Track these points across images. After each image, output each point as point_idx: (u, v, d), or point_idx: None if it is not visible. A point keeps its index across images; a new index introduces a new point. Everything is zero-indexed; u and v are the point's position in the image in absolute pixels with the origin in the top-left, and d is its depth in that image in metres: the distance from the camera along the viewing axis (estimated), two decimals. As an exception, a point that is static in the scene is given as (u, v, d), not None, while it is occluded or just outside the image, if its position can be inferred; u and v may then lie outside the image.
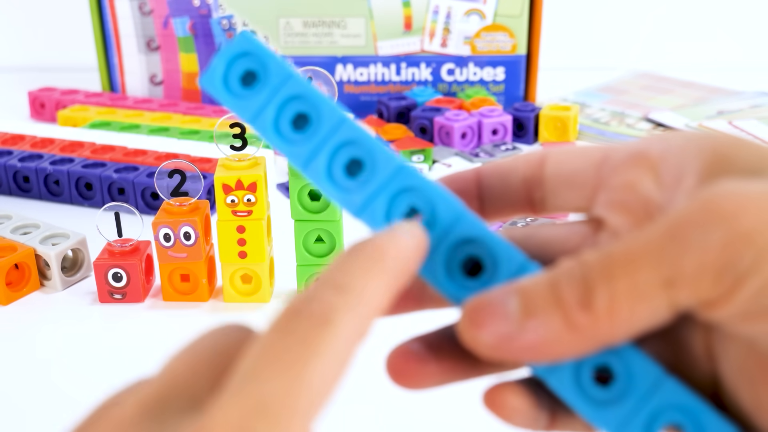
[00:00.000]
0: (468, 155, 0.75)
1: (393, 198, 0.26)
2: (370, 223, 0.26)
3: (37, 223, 0.55)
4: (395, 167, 0.26)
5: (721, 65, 1.08)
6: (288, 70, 0.26)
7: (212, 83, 0.26)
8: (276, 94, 0.26)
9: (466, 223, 0.26)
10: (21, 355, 0.46)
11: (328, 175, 0.26)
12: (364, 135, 0.26)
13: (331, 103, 0.26)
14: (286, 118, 0.26)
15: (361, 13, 0.85)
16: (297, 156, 0.26)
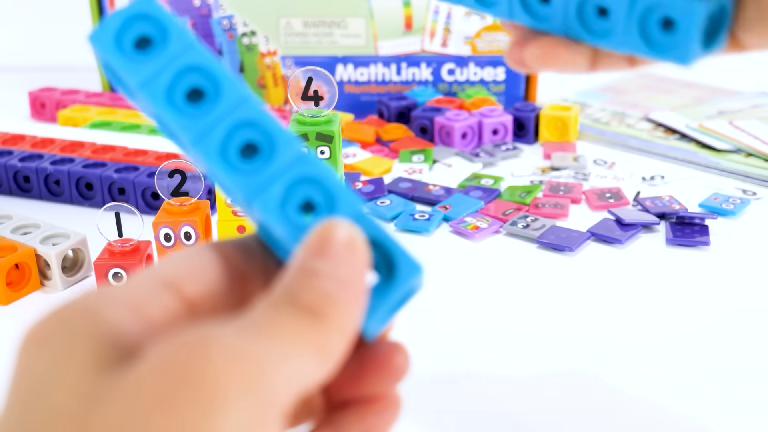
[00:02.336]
0: (468, 155, 0.75)
1: (290, 187, 0.24)
2: (262, 209, 0.24)
3: (37, 223, 0.55)
4: (296, 154, 0.24)
5: (721, 65, 1.08)
6: (190, 38, 0.25)
7: (102, 41, 0.24)
8: (173, 61, 0.24)
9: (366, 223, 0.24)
10: (21, 355, 0.46)
11: (221, 155, 0.24)
12: (266, 117, 0.24)
13: (233, 79, 0.24)
14: (181, 88, 0.24)
15: (362, 13, 0.85)
16: (188, 128, 0.24)
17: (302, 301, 0.21)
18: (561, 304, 0.51)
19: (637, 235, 0.59)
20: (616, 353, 0.45)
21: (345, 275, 0.22)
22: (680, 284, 0.53)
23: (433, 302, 0.51)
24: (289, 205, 0.24)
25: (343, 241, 0.22)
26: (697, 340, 0.47)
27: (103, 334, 0.21)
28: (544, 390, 0.42)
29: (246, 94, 0.24)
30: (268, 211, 0.24)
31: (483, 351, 0.46)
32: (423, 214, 0.62)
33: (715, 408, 0.41)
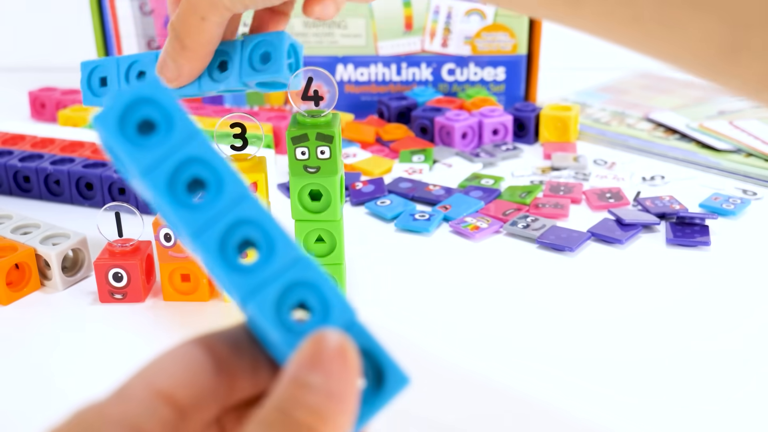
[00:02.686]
0: (468, 155, 0.75)
1: (286, 290, 0.24)
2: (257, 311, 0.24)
3: (37, 223, 0.55)
4: (293, 257, 0.24)
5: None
6: (194, 127, 0.24)
7: (106, 123, 0.24)
8: (177, 151, 0.24)
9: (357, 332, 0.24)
10: (21, 355, 0.46)
11: (219, 251, 0.24)
12: (267, 216, 0.24)
13: (235, 174, 0.24)
14: (182, 179, 0.24)
15: (362, 13, 0.85)
16: (188, 222, 0.24)
17: (294, 418, 0.22)
18: (561, 304, 0.51)
19: (637, 235, 0.59)
20: (617, 353, 0.45)
21: (336, 389, 0.22)
22: (680, 284, 0.53)
23: (433, 302, 0.51)
24: (283, 309, 0.24)
25: (334, 354, 0.23)
26: (697, 340, 0.47)
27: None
28: (544, 390, 0.42)
29: (247, 190, 0.24)
30: (262, 314, 0.24)
31: (483, 351, 0.46)
32: (423, 214, 0.62)
33: (715, 408, 0.41)
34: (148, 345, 0.47)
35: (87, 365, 0.45)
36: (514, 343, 0.47)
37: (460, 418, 0.40)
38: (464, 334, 0.48)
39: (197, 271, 0.50)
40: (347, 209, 0.65)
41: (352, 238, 0.59)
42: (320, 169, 0.47)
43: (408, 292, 0.52)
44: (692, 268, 0.55)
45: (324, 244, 0.50)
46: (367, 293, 0.52)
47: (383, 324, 0.49)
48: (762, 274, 0.54)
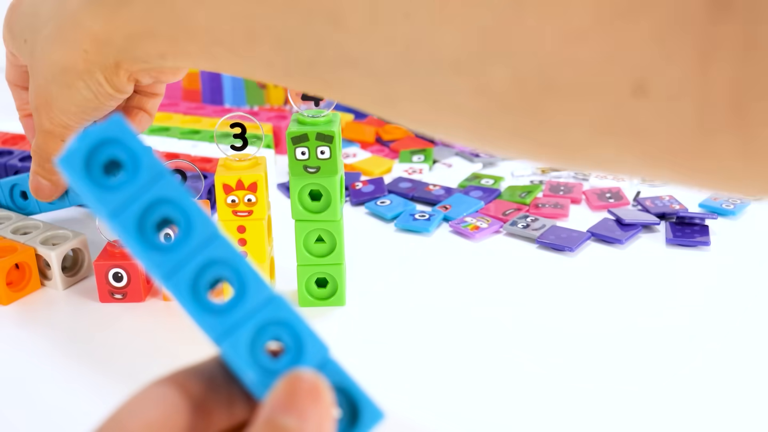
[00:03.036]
0: (468, 155, 0.75)
1: (259, 330, 0.24)
2: (231, 353, 0.24)
3: (37, 223, 0.55)
4: (266, 296, 0.24)
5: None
6: (160, 167, 0.24)
7: (71, 166, 0.23)
8: (144, 193, 0.24)
9: (331, 369, 0.25)
10: (21, 355, 0.46)
11: (191, 292, 0.24)
12: (237, 256, 0.24)
13: (204, 214, 0.24)
14: (150, 221, 0.24)
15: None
16: (158, 266, 0.24)
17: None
18: (561, 304, 0.51)
19: (637, 235, 0.59)
20: (617, 353, 0.45)
21: (311, 430, 0.22)
22: (680, 284, 0.53)
23: (433, 302, 0.51)
24: (256, 349, 0.24)
25: (308, 395, 0.23)
26: (698, 339, 0.47)
27: None
28: (544, 390, 0.42)
29: (216, 230, 0.24)
30: (236, 355, 0.24)
31: (483, 351, 0.46)
32: (423, 214, 0.62)
33: (715, 408, 0.41)
34: (148, 345, 0.47)
35: (87, 365, 0.45)
36: (514, 342, 0.47)
37: (458, 418, 0.40)
38: (464, 334, 0.48)
39: (197, 271, 0.50)
40: (347, 209, 0.65)
41: (352, 238, 0.59)
42: (320, 169, 0.47)
43: (408, 292, 0.52)
44: (692, 268, 0.55)
45: (324, 244, 0.50)
46: (367, 293, 0.52)
47: (383, 324, 0.49)
48: (762, 274, 0.54)
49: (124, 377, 0.44)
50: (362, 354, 0.45)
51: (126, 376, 0.44)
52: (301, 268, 0.50)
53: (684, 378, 0.43)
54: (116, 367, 0.45)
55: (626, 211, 0.62)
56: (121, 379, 0.44)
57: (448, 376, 0.44)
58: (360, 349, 0.46)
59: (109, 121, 0.24)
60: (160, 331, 0.49)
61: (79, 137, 0.24)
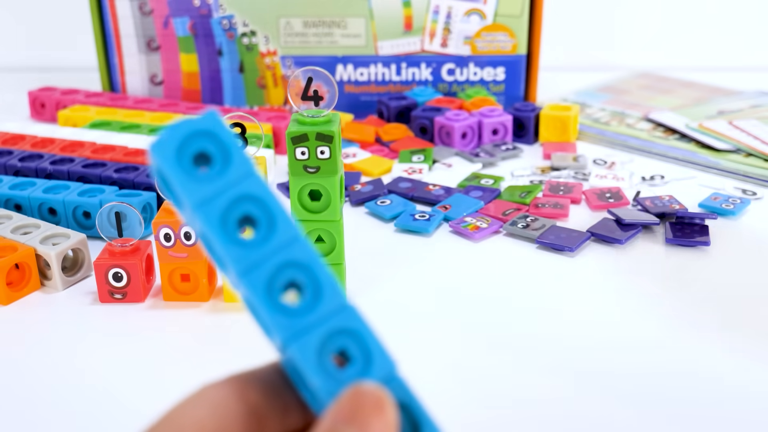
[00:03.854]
0: (468, 155, 0.75)
1: (328, 337, 0.24)
2: (299, 356, 0.24)
3: (37, 223, 0.55)
4: (339, 304, 0.24)
5: (721, 65, 1.08)
6: (250, 165, 0.24)
7: (163, 152, 0.24)
8: (232, 187, 0.24)
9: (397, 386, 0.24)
10: (21, 355, 0.46)
11: (266, 292, 0.24)
12: (316, 260, 0.24)
13: (287, 215, 0.24)
14: (234, 215, 0.24)
15: (362, 13, 0.85)
16: (237, 261, 0.24)
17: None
18: (561, 304, 0.51)
19: (637, 235, 0.59)
20: (617, 353, 0.45)
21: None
22: (680, 284, 0.53)
23: (433, 302, 0.51)
24: (324, 355, 0.24)
25: (372, 408, 0.23)
26: (698, 339, 0.47)
27: None
28: (544, 390, 0.42)
29: (298, 233, 0.24)
30: (304, 358, 0.24)
31: (483, 351, 0.46)
32: (423, 214, 0.62)
33: (715, 408, 0.41)
34: (148, 345, 0.47)
35: (87, 365, 0.45)
36: (513, 342, 0.47)
37: (458, 418, 0.40)
38: (464, 334, 0.48)
39: (197, 271, 0.51)
40: (347, 209, 0.65)
41: (352, 238, 0.59)
42: (320, 169, 0.47)
43: (408, 292, 0.52)
44: (692, 268, 0.55)
45: (324, 244, 0.50)
46: (367, 293, 0.52)
47: (383, 324, 0.49)
48: (762, 274, 0.54)
49: (125, 377, 0.44)
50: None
51: (126, 376, 0.44)
52: (301, 268, 0.50)
53: (684, 378, 0.43)
54: (116, 368, 0.45)
55: (626, 211, 0.62)
56: (121, 380, 0.44)
57: (448, 375, 0.44)
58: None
59: (204, 113, 0.24)
60: (160, 331, 0.49)
61: (173, 126, 0.24)
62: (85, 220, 0.59)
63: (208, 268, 0.51)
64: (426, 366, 0.45)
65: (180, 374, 0.44)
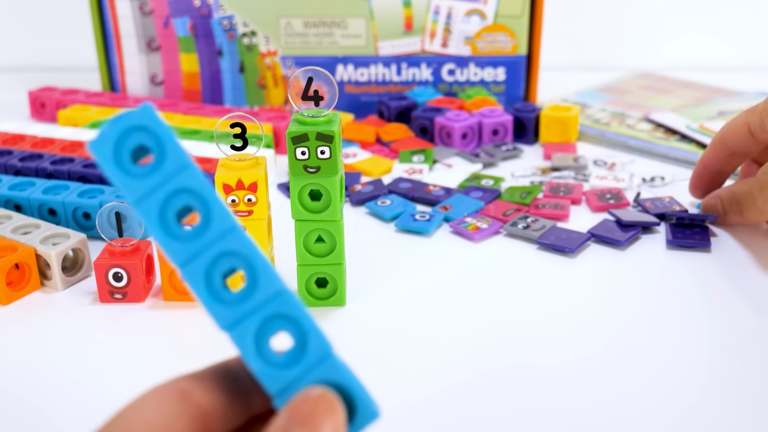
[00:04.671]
0: (468, 155, 0.75)
1: (266, 322, 0.25)
2: (238, 342, 0.25)
3: (37, 223, 0.55)
4: (276, 290, 0.25)
5: (721, 65, 1.08)
6: (185, 157, 0.25)
7: (101, 151, 0.24)
8: (168, 182, 0.25)
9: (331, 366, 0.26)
10: (21, 355, 0.46)
11: (205, 283, 0.25)
12: (252, 248, 0.25)
13: (223, 206, 0.25)
14: (172, 209, 0.25)
15: (362, 13, 0.85)
16: (176, 253, 0.25)
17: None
18: (561, 305, 0.51)
19: (637, 236, 0.59)
20: (617, 354, 0.45)
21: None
22: (680, 285, 0.53)
23: (433, 302, 0.51)
24: (262, 340, 0.25)
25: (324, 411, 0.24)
26: (699, 339, 0.47)
27: None
28: (544, 390, 0.42)
29: (234, 223, 0.25)
30: (241, 344, 0.25)
31: (483, 351, 0.46)
32: (423, 214, 0.62)
33: (715, 409, 0.41)
34: (148, 345, 0.47)
35: (87, 365, 0.45)
36: (513, 343, 0.47)
37: (457, 419, 0.40)
38: (464, 335, 0.48)
39: (197, 271, 0.50)
40: (347, 209, 0.65)
41: (352, 238, 0.59)
42: (320, 169, 0.47)
43: (408, 293, 0.52)
44: (692, 268, 0.55)
45: (324, 244, 0.50)
46: (367, 293, 0.52)
47: (383, 324, 0.49)
48: (762, 274, 0.54)
49: (124, 377, 0.44)
50: (362, 354, 0.45)
51: (126, 376, 0.44)
52: (301, 268, 0.50)
53: (684, 378, 0.43)
54: (116, 368, 0.45)
55: (626, 212, 0.62)
56: (121, 380, 0.44)
57: (448, 376, 0.44)
58: (360, 349, 0.46)
59: (140, 108, 0.25)
60: (160, 331, 0.49)
61: (110, 122, 0.24)
62: (85, 220, 0.59)
63: (208, 268, 0.51)
64: (426, 366, 0.45)
65: (180, 374, 0.44)
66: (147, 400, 0.25)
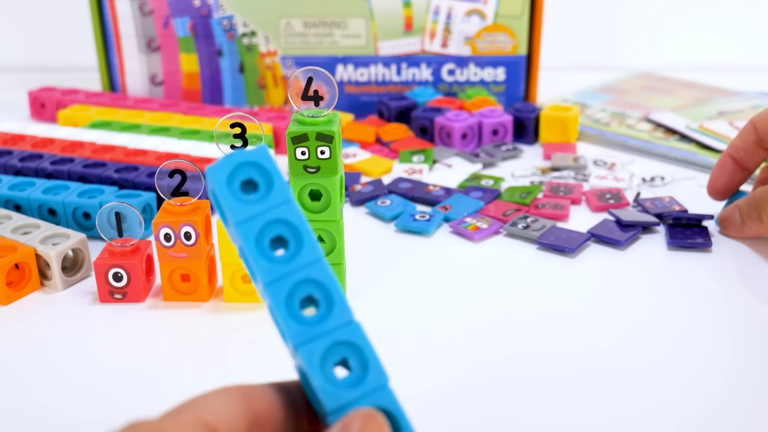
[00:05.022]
0: (468, 155, 0.75)
1: (333, 345, 0.28)
2: (305, 359, 0.28)
3: (37, 223, 0.55)
4: (345, 320, 0.28)
5: (721, 65, 1.08)
6: (288, 194, 0.29)
7: (217, 176, 0.28)
8: (270, 211, 0.28)
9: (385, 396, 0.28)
10: (21, 355, 0.46)
11: (285, 302, 0.28)
12: (331, 280, 0.28)
13: (314, 240, 0.28)
14: (269, 235, 0.28)
15: (362, 13, 0.85)
16: (265, 272, 0.28)
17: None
18: (561, 305, 0.51)
19: (637, 236, 0.59)
20: (617, 353, 0.45)
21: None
22: (681, 285, 0.53)
23: (433, 302, 0.51)
24: (327, 361, 0.28)
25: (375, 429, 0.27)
26: (699, 339, 0.47)
27: None
28: (545, 391, 0.42)
29: (320, 255, 0.29)
30: (309, 362, 0.28)
31: (483, 351, 0.46)
32: (423, 214, 0.62)
33: (715, 409, 0.41)
34: (148, 345, 0.47)
35: (87, 365, 0.45)
36: (513, 343, 0.47)
37: (457, 418, 0.40)
38: (464, 335, 0.48)
39: (197, 271, 0.50)
40: (347, 209, 0.65)
41: (352, 238, 0.59)
42: (320, 169, 0.47)
43: (408, 293, 0.52)
44: (692, 269, 0.55)
45: (324, 244, 0.50)
46: (367, 293, 0.52)
47: (383, 324, 0.49)
48: (762, 274, 0.54)
49: (124, 377, 0.44)
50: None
51: (126, 376, 0.44)
52: (301, 269, 0.50)
53: (684, 378, 0.43)
54: (116, 368, 0.45)
55: (626, 212, 0.62)
56: (121, 380, 0.44)
57: (448, 376, 0.44)
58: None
59: (257, 148, 0.29)
60: (160, 331, 0.49)
61: (228, 156, 0.28)
62: (85, 220, 0.59)
63: (208, 268, 0.51)
64: (425, 366, 0.45)
65: (180, 374, 0.44)
66: (217, 394, 0.27)
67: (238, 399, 0.28)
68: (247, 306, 0.51)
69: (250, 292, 0.51)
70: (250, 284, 0.51)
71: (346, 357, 0.28)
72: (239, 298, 0.51)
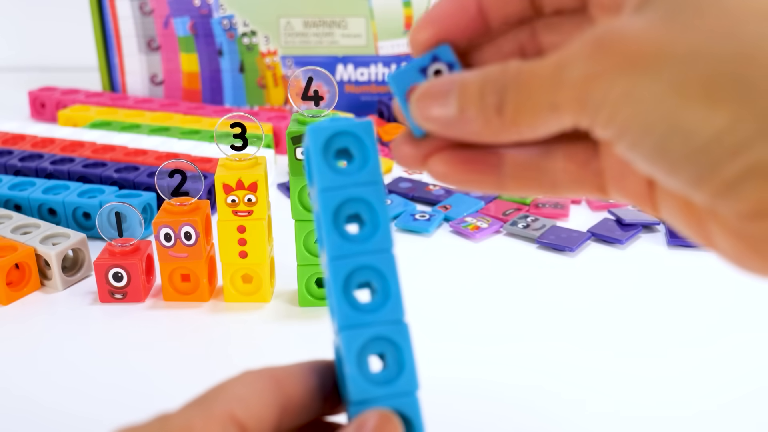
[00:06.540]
0: (468, 155, 0.75)
1: (376, 337, 0.28)
2: (345, 343, 0.27)
3: (37, 223, 0.55)
4: (396, 318, 0.28)
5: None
6: (379, 174, 0.28)
7: (317, 137, 0.27)
8: (357, 187, 0.28)
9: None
10: (21, 355, 0.46)
11: (343, 282, 0.27)
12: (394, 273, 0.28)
13: (388, 229, 0.28)
14: (347, 209, 0.28)
15: (362, 13, 0.85)
16: (333, 247, 0.27)
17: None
18: (561, 305, 0.51)
19: (637, 235, 0.59)
20: (617, 353, 0.45)
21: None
22: (681, 284, 0.53)
23: (433, 302, 0.51)
24: (365, 351, 0.27)
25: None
26: (700, 340, 0.47)
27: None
28: (545, 391, 0.42)
29: (391, 245, 0.28)
30: (348, 347, 0.27)
31: (483, 351, 0.46)
32: (423, 214, 0.62)
33: (716, 410, 0.41)
34: (148, 345, 0.47)
35: (87, 365, 0.45)
36: (514, 343, 0.47)
37: (458, 418, 0.40)
38: (464, 335, 0.48)
39: (197, 271, 0.50)
40: (347, 209, 0.65)
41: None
42: (320, 169, 0.47)
43: (408, 292, 0.52)
44: (693, 267, 0.55)
45: (324, 244, 0.50)
46: (367, 293, 0.52)
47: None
48: (762, 274, 0.54)
49: (125, 377, 0.44)
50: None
51: (126, 376, 0.44)
52: (301, 268, 0.50)
53: (684, 378, 0.43)
54: (116, 367, 0.45)
55: (626, 211, 0.62)
56: (121, 379, 0.44)
57: (448, 375, 0.44)
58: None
59: (364, 121, 0.28)
60: (160, 331, 0.49)
61: (332, 119, 0.28)
62: (85, 220, 0.59)
63: (208, 268, 0.51)
64: (425, 366, 0.45)
65: (180, 374, 0.44)
66: (245, 378, 0.27)
67: (268, 385, 0.27)
68: (247, 306, 0.51)
69: (250, 292, 0.51)
70: (250, 284, 0.51)
71: (385, 353, 0.28)
72: (239, 298, 0.51)
